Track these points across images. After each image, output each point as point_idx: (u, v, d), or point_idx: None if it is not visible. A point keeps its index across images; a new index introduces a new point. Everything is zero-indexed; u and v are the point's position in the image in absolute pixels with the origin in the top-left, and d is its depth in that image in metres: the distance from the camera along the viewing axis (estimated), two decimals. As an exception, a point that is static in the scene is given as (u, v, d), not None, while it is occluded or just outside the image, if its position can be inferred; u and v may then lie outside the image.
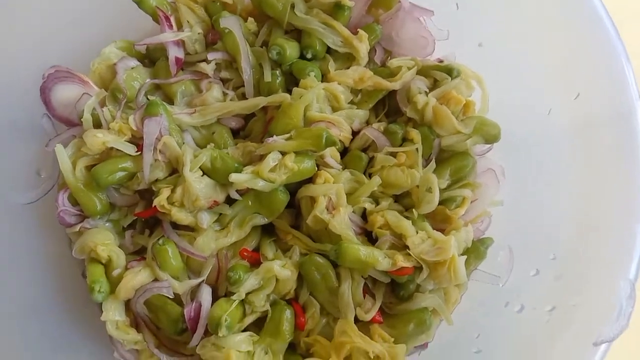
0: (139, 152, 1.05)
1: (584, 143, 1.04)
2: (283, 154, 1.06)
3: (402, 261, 1.00)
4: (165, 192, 1.04)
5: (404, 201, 1.11)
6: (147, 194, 1.10)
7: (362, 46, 1.14)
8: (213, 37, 1.19)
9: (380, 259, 1.00)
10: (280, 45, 1.11)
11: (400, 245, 1.04)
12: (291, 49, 1.13)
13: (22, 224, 1.11)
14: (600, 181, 1.00)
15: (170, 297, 1.02)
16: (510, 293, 1.03)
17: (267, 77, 1.12)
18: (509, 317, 1.01)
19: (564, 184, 1.04)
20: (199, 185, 1.03)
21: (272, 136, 1.07)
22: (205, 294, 1.02)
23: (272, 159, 1.04)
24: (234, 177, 1.01)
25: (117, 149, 1.05)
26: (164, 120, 1.06)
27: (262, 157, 1.06)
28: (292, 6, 1.14)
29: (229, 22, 1.12)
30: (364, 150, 1.14)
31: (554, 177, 1.06)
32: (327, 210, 1.05)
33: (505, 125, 1.11)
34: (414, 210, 1.07)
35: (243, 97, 1.15)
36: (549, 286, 0.99)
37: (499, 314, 1.02)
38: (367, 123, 1.16)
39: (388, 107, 1.17)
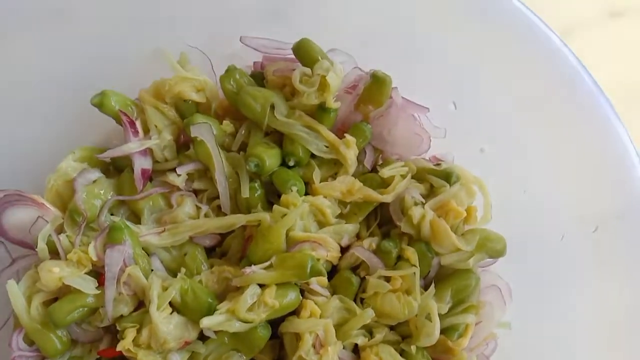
0: (100, 290, 0.94)
1: (608, 271, 0.91)
2: (262, 284, 0.94)
3: (399, 415, 0.88)
4: (131, 335, 0.92)
5: (401, 329, 0.99)
6: (112, 327, 0.98)
7: (350, 152, 1.02)
8: (185, 138, 1.07)
9: (374, 414, 0.89)
10: (259, 156, 0.99)
11: (397, 390, 0.92)
12: (271, 159, 1.00)
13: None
14: (630, 321, 0.88)
15: None
16: None
17: (245, 192, 1.00)
18: None
19: (587, 317, 0.92)
20: (168, 327, 0.91)
21: (250, 265, 0.95)
22: None
23: (249, 296, 0.92)
24: (206, 322, 0.90)
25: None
26: (128, 248, 0.95)
27: (238, 289, 0.95)
28: (272, 108, 1.02)
29: (200, 130, 1.00)
30: (355, 267, 1.02)
31: (575, 304, 0.94)
32: (314, 348, 0.94)
33: (509, 235, 1.00)
34: (412, 346, 0.95)
35: (219, 209, 1.03)
36: None
37: None
38: (358, 236, 1.04)
39: (380, 216, 1.05)
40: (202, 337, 0.96)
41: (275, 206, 0.99)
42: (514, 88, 0.98)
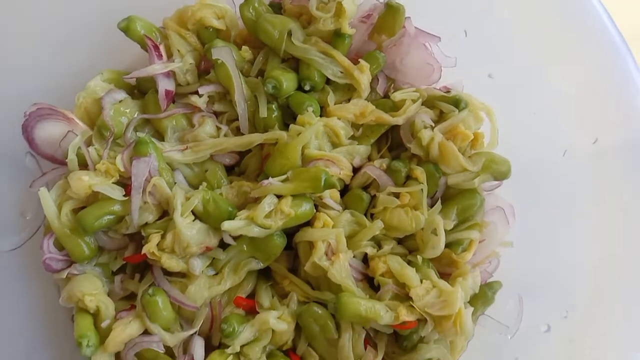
0: (127, 196, 1.00)
1: (602, 188, 0.97)
2: (279, 196, 1.00)
3: (405, 315, 0.94)
4: (155, 239, 0.99)
5: (408, 243, 1.05)
6: (137, 236, 1.05)
7: (364, 77, 1.07)
8: (206, 65, 1.12)
9: (382, 313, 0.95)
10: (276, 78, 1.04)
11: (403, 294, 0.98)
12: (288, 82, 1.06)
13: (7, 269, 1.05)
14: (618, 233, 0.94)
15: (161, 351, 0.97)
16: (521, 348, 0.97)
17: (263, 113, 1.05)
18: (519, 375, 0.96)
19: (580, 232, 0.98)
20: (191, 232, 0.98)
21: (267, 177, 1.01)
22: (198, 347, 0.98)
23: (267, 204, 0.98)
24: (227, 225, 0.96)
25: (104, 193, 1.00)
26: (154, 160, 1.00)
27: (257, 200, 1.01)
28: (289, 34, 1.07)
29: (221, 52, 1.05)
30: (366, 187, 1.08)
31: (569, 223, 1.00)
32: (326, 255, 1.00)
33: (516, 161, 1.05)
34: (418, 255, 1.01)
35: (237, 130, 1.09)
36: (561, 348, 0.93)
37: (508, 369, 0.97)
38: (369, 158, 1.09)
39: (391, 140, 1.11)
40: (223, 246, 1.02)
41: (291, 125, 1.04)
42: (522, 14, 1.02)
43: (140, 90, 1.13)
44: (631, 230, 0.94)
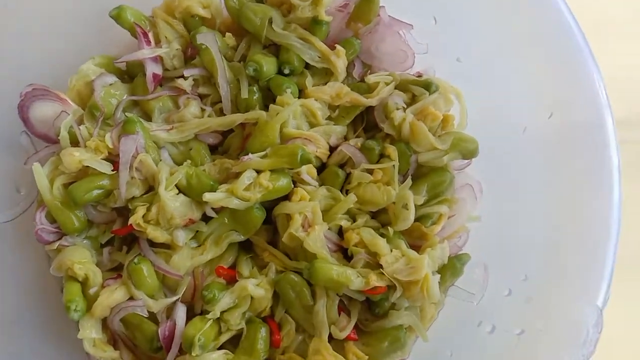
0: (115, 171, 1.06)
1: (557, 162, 1.04)
2: (259, 171, 1.06)
3: (375, 281, 1.00)
4: (141, 211, 1.05)
5: (381, 217, 1.11)
6: (125, 211, 1.10)
7: (340, 62, 1.14)
8: (192, 51, 1.19)
9: (353, 278, 1.00)
10: (257, 61, 1.11)
11: (374, 263, 1.04)
12: (268, 65, 1.12)
13: (1, 240, 1.11)
14: (572, 203, 1.00)
15: (145, 315, 1.03)
16: (484, 312, 1.03)
17: (244, 93, 1.12)
18: (480, 337, 1.01)
19: (538, 203, 1.04)
20: (174, 204, 1.03)
21: (247, 154, 1.07)
22: (180, 312, 1.03)
23: (247, 178, 1.04)
24: (208, 196, 1.02)
25: (94, 168, 1.06)
26: (141, 138, 1.07)
27: (238, 175, 1.07)
28: (270, 21, 1.13)
29: (205, 38, 1.12)
30: (342, 165, 1.14)
31: (529, 195, 1.06)
32: (303, 227, 1.06)
33: (483, 140, 1.11)
34: (389, 227, 1.07)
35: (221, 112, 1.15)
36: (519, 308, 0.99)
37: (472, 333, 1.02)
38: (345, 138, 1.16)
39: (366, 121, 1.17)
40: (205, 220, 1.08)
41: (271, 105, 1.10)
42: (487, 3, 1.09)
43: (130, 74, 1.19)
44: (580, 202, 1.01)
